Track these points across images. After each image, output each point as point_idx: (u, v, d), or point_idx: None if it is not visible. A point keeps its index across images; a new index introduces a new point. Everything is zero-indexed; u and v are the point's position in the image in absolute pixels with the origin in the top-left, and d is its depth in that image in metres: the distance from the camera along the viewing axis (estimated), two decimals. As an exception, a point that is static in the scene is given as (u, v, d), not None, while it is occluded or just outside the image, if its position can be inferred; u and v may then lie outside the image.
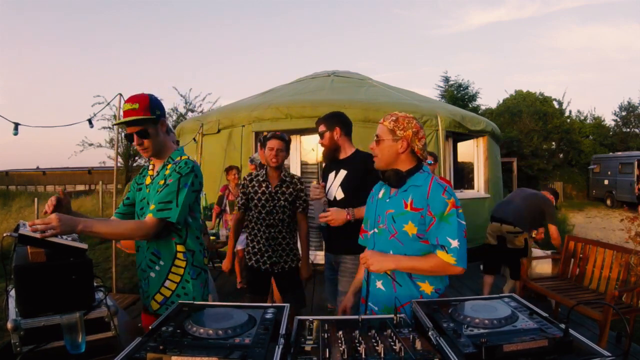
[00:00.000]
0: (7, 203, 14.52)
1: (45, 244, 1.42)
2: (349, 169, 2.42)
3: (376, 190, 1.88)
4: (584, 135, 20.50)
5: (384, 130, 1.71)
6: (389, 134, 1.70)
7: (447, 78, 20.98)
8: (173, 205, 1.71)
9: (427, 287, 1.67)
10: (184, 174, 1.75)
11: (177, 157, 1.83)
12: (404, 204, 1.66)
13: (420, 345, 1.07)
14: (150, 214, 1.70)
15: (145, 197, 1.84)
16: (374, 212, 1.81)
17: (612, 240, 8.27)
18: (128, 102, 1.73)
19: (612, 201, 16.15)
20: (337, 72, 8.43)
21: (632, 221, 4.19)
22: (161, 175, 1.80)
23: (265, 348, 1.04)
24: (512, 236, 4.08)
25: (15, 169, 28.95)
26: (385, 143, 1.70)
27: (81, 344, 1.33)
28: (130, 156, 15.20)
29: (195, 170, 1.80)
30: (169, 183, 1.73)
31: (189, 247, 1.82)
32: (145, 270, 1.82)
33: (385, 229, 1.70)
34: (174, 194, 1.72)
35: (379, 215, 1.75)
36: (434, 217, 1.59)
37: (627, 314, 3.19)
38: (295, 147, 6.31)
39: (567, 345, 1.05)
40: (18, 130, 3.26)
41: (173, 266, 1.78)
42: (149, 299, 1.81)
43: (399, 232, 1.65)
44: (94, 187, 21.74)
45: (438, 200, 1.59)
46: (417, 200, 1.63)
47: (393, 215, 1.68)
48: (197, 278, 1.84)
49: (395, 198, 1.70)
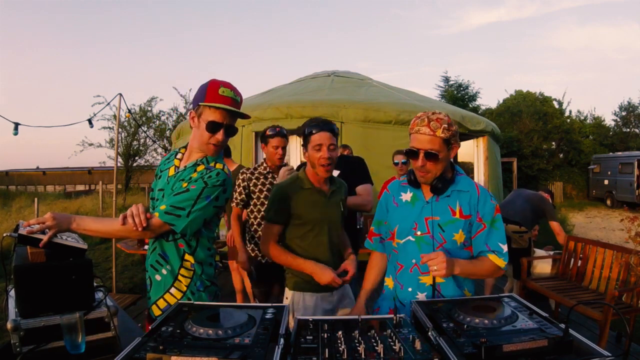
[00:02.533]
0: (7, 203, 14.52)
1: (45, 244, 1.42)
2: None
3: (395, 191, 1.71)
4: (584, 135, 20.49)
5: (438, 142, 1.48)
6: (444, 145, 1.50)
7: (447, 78, 21.01)
8: (183, 214, 1.54)
9: (467, 294, 1.63)
10: (209, 185, 1.57)
11: (213, 163, 1.66)
12: (452, 211, 1.55)
13: (420, 345, 1.07)
14: (157, 212, 1.55)
15: (164, 188, 1.67)
16: (406, 217, 1.62)
17: (612, 240, 8.27)
18: (232, 90, 1.58)
19: (612, 201, 16.14)
20: (337, 72, 8.44)
21: (632, 221, 4.19)
22: (187, 173, 1.63)
23: (265, 348, 1.04)
24: (517, 236, 4.10)
25: (15, 169, 28.97)
26: (441, 156, 1.50)
27: (81, 344, 1.32)
28: (130, 156, 15.18)
29: (226, 184, 1.63)
30: (191, 188, 1.56)
31: (199, 258, 1.66)
32: (148, 270, 1.73)
33: (428, 237, 1.56)
34: (190, 203, 1.54)
35: (415, 221, 1.59)
36: (484, 224, 1.55)
37: (627, 314, 3.19)
38: (295, 147, 6.31)
39: (567, 345, 1.05)
40: (18, 130, 3.27)
41: (179, 275, 1.64)
42: (150, 301, 1.71)
43: (448, 241, 1.54)
44: (94, 187, 21.76)
45: (489, 207, 1.56)
46: (465, 206, 1.55)
47: (440, 223, 1.54)
48: (204, 290, 1.67)
49: (437, 204, 1.57)
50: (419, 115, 1.55)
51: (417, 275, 1.60)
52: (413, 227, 1.59)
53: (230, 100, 1.57)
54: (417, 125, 1.51)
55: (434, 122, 1.48)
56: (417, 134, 1.51)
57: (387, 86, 7.94)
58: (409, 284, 1.60)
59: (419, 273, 1.59)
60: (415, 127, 1.51)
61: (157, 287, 1.67)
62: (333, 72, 8.34)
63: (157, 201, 1.68)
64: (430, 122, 1.48)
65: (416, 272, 1.59)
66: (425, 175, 1.54)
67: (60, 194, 19.87)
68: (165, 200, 1.59)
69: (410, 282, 1.60)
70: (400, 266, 1.65)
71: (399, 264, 1.66)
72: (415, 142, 1.52)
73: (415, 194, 1.63)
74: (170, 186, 1.64)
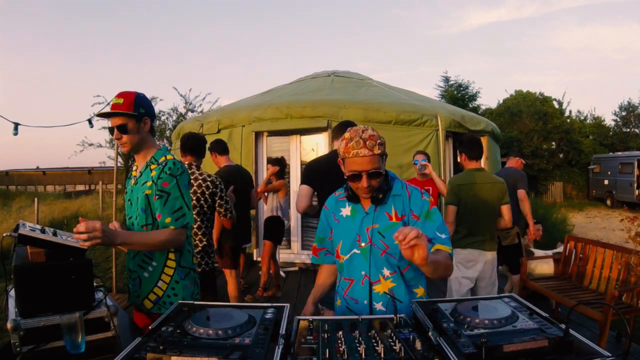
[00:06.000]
0: (7, 203, 14.52)
1: (45, 244, 1.42)
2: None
3: (333, 207, 1.72)
4: (584, 135, 20.49)
5: (377, 160, 1.49)
6: (381, 160, 1.52)
7: (447, 78, 21.01)
8: (186, 210, 1.79)
9: (420, 291, 1.63)
10: (178, 176, 1.78)
11: (161, 158, 1.82)
12: (389, 216, 1.58)
13: (420, 345, 1.07)
14: (172, 226, 1.73)
15: (131, 198, 1.87)
16: (348, 232, 1.63)
17: (612, 240, 8.27)
18: (116, 96, 1.78)
19: (612, 201, 16.15)
20: (337, 72, 8.44)
21: (632, 221, 4.20)
22: (146, 176, 1.80)
23: (265, 348, 1.04)
24: (504, 233, 4.05)
25: (15, 169, 28.97)
26: (382, 171, 1.52)
27: (81, 344, 1.32)
28: (130, 156, 15.16)
29: (184, 168, 1.84)
30: (170, 190, 1.75)
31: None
32: (135, 270, 1.83)
33: (371, 246, 1.57)
34: (181, 200, 1.78)
35: (358, 234, 1.60)
36: (417, 218, 1.57)
37: (627, 314, 3.19)
38: (295, 147, 6.31)
39: (567, 345, 1.05)
40: (18, 130, 3.27)
41: (165, 267, 1.81)
42: (139, 298, 1.82)
43: (390, 246, 1.55)
44: (94, 187, 21.76)
45: (420, 202, 1.58)
46: (399, 209, 1.58)
47: (379, 230, 1.57)
48: (185, 278, 1.85)
49: (375, 213, 1.59)
50: (348, 137, 1.50)
51: (368, 286, 1.58)
52: (356, 239, 1.60)
53: (112, 106, 1.77)
54: (353, 149, 1.47)
55: (369, 140, 1.46)
56: (357, 157, 1.47)
57: (387, 86, 7.94)
58: (364, 297, 1.59)
59: (371, 283, 1.58)
60: (352, 151, 1.47)
61: (147, 283, 1.81)
62: (333, 72, 8.34)
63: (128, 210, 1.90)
64: (365, 142, 1.46)
65: (367, 284, 1.59)
66: (369, 192, 1.54)
67: (60, 194, 19.86)
68: (162, 213, 1.75)
69: (364, 294, 1.59)
70: (350, 281, 1.63)
71: (347, 279, 1.64)
72: (355, 165, 1.48)
73: (354, 207, 1.64)
74: (135, 194, 1.82)
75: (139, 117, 1.78)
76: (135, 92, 1.80)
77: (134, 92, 1.80)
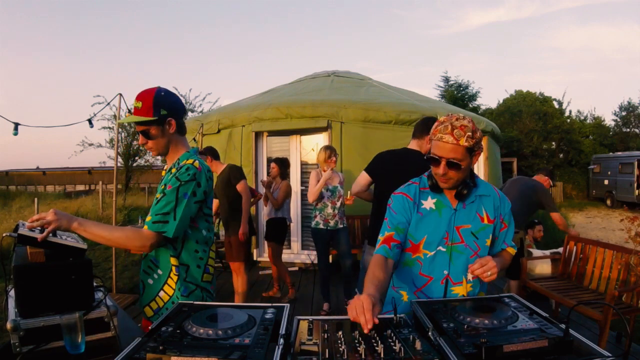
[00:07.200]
0: (7, 203, 14.50)
1: (44, 244, 1.42)
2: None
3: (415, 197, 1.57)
4: (584, 135, 20.50)
5: (462, 151, 1.39)
6: (467, 154, 1.42)
7: (447, 78, 21.03)
8: (170, 218, 1.56)
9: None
10: (183, 182, 1.59)
11: (184, 161, 1.66)
12: (480, 217, 1.51)
13: (420, 345, 1.07)
14: (145, 225, 1.56)
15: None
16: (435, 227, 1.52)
17: (612, 240, 8.27)
18: (135, 98, 1.62)
19: (612, 201, 16.14)
20: (337, 72, 8.44)
21: (632, 221, 4.19)
22: (165, 179, 1.66)
23: (265, 348, 1.04)
24: None
25: (15, 169, 28.96)
26: (464, 165, 1.42)
27: (81, 344, 1.32)
28: (130, 156, 15.16)
29: (198, 177, 1.62)
30: (167, 190, 1.59)
31: (183, 261, 1.66)
32: (145, 272, 1.76)
33: (462, 246, 1.50)
34: (172, 205, 1.57)
35: (447, 231, 1.52)
36: (504, 224, 1.59)
37: (627, 314, 3.19)
38: (295, 147, 6.31)
39: (567, 345, 1.04)
40: (18, 130, 3.26)
41: (169, 278, 1.67)
42: (142, 304, 1.77)
43: (482, 248, 1.50)
44: (94, 187, 21.74)
45: (508, 207, 1.59)
46: (491, 211, 1.54)
47: (472, 231, 1.50)
48: (188, 296, 1.66)
49: (464, 211, 1.51)
50: (441, 120, 1.44)
51: (449, 286, 1.54)
52: (444, 237, 1.52)
53: (133, 111, 1.64)
54: (439, 133, 1.41)
55: (458, 130, 1.38)
56: (440, 141, 1.41)
57: (387, 86, 7.94)
58: (439, 296, 1.53)
59: (451, 284, 1.54)
60: (438, 134, 1.41)
61: (149, 290, 1.72)
62: (333, 72, 8.35)
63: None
64: (453, 130, 1.38)
65: (448, 283, 1.54)
66: (448, 182, 1.47)
67: (60, 194, 19.86)
68: (150, 212, 1.61)
69: (440, 293, 1.54)
70: (429, 278, 1.55)
71: (426, 276, 1.56)
72: (437, 149, 1.42)
73: (440, 200, 1.54)
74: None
75: (160, 120, 1.62)
76: (155, 91, 1.61)
77: (153, 89, 1.61)
